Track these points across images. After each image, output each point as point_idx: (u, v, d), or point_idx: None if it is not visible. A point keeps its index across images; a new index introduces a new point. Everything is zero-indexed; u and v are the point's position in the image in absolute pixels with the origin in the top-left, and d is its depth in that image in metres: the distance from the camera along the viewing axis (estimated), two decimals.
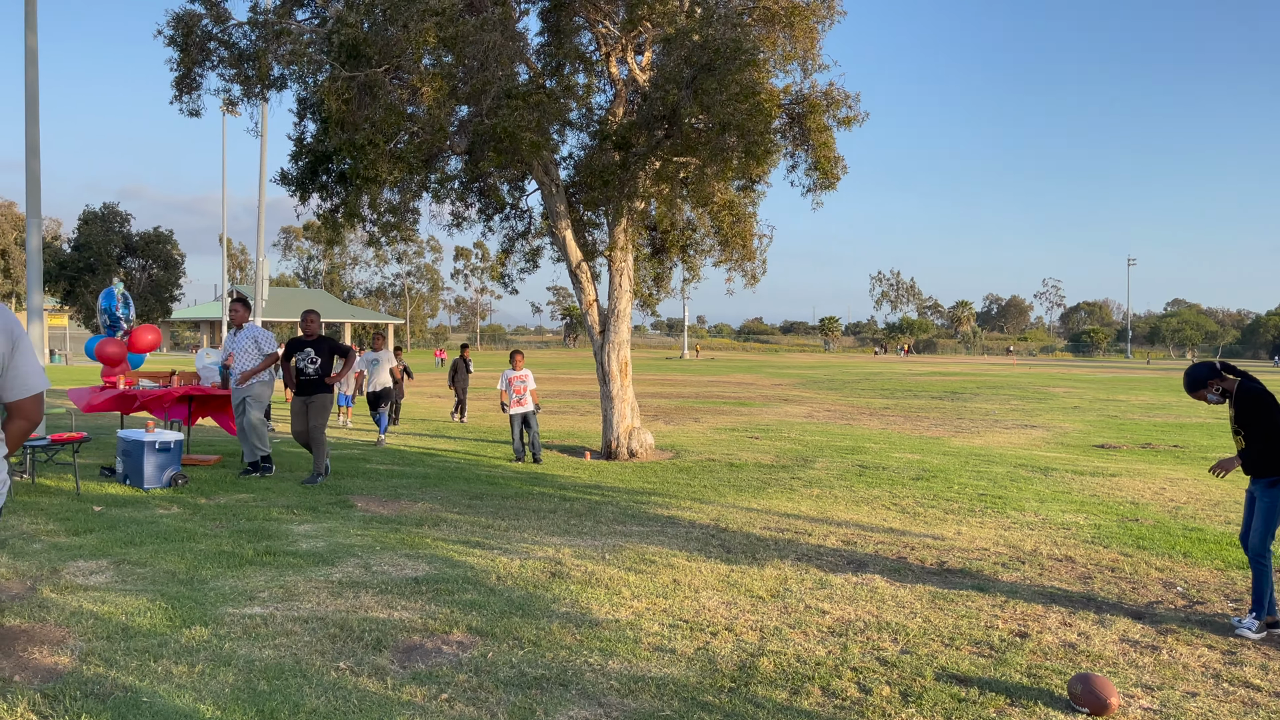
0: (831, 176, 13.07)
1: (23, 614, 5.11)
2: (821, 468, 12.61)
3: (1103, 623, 5.61)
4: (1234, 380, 5.67)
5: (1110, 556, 7.49)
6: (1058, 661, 4.86)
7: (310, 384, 10.09)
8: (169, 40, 13.09)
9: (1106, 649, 5.11)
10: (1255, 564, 5.52)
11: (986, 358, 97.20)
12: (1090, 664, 4.86)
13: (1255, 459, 5.53)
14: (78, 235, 30.81)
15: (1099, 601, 6.11)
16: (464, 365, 19.70)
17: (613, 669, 4.51)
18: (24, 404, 3.20)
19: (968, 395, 30.25)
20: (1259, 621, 5.48)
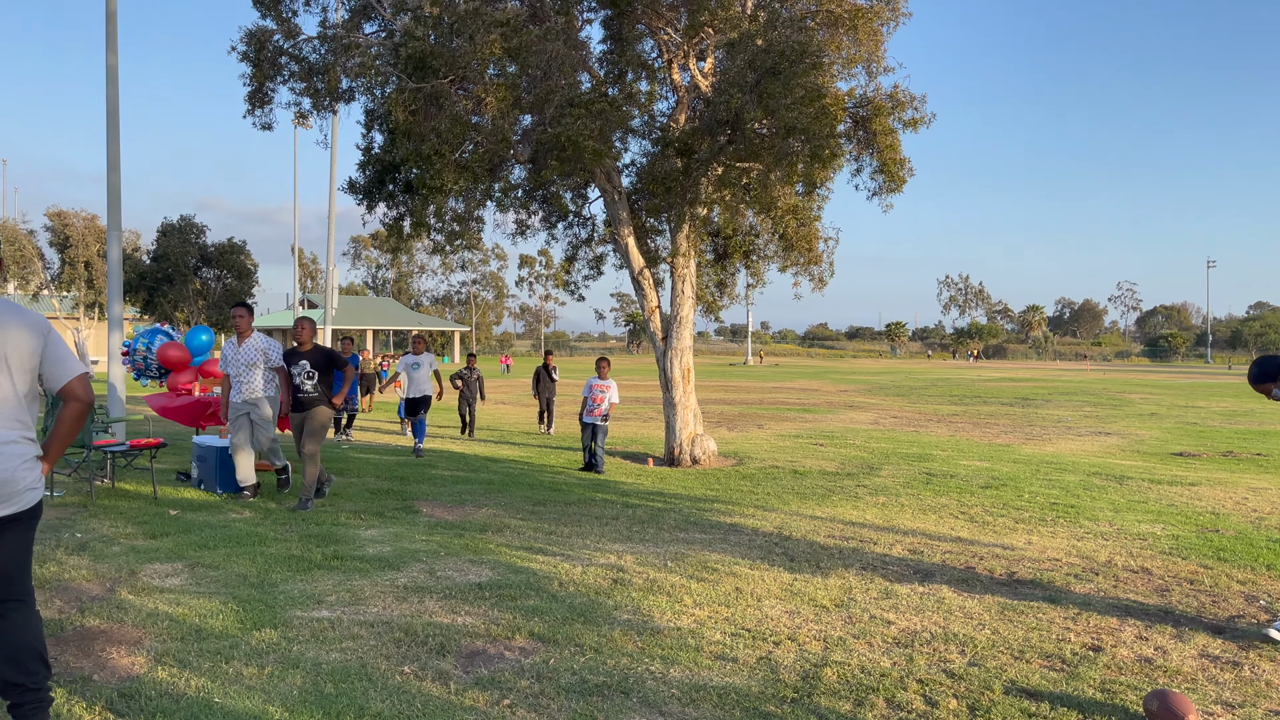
0: (898, 179, 12.90)
1: (102, 615, 5.27)
2: (888, 475, 12.43)
3: (1181, 637, 5.43)
4: None
5: (1189, 568, 7.25)
6: (1133, 677, 4.71)
7: (308, 400, 8.92)
8: (242, 56, 13.45)
9: (1185, 664, 4.94)
10: None
11: (1058, 363, 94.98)
12: (1167, 680, 4.70)
13: None
14: (156, 247, 31.85)
15: (1177, 615, 5.91)
16: (546, 373, 18.57)
17: (674, 677, 4.49)
18: (71, 386, 3.51)
19: (1039, 401, 29.58)
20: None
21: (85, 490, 9.34)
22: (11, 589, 3.49)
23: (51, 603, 5.50)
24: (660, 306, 14.23)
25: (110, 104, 13.24)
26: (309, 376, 8.86)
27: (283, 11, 13.85)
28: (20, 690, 3.49)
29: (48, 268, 40.23)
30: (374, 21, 14.21)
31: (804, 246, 14.05)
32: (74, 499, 8.96)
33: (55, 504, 8.72)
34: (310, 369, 8.85)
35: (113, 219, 13.38)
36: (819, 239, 14.48)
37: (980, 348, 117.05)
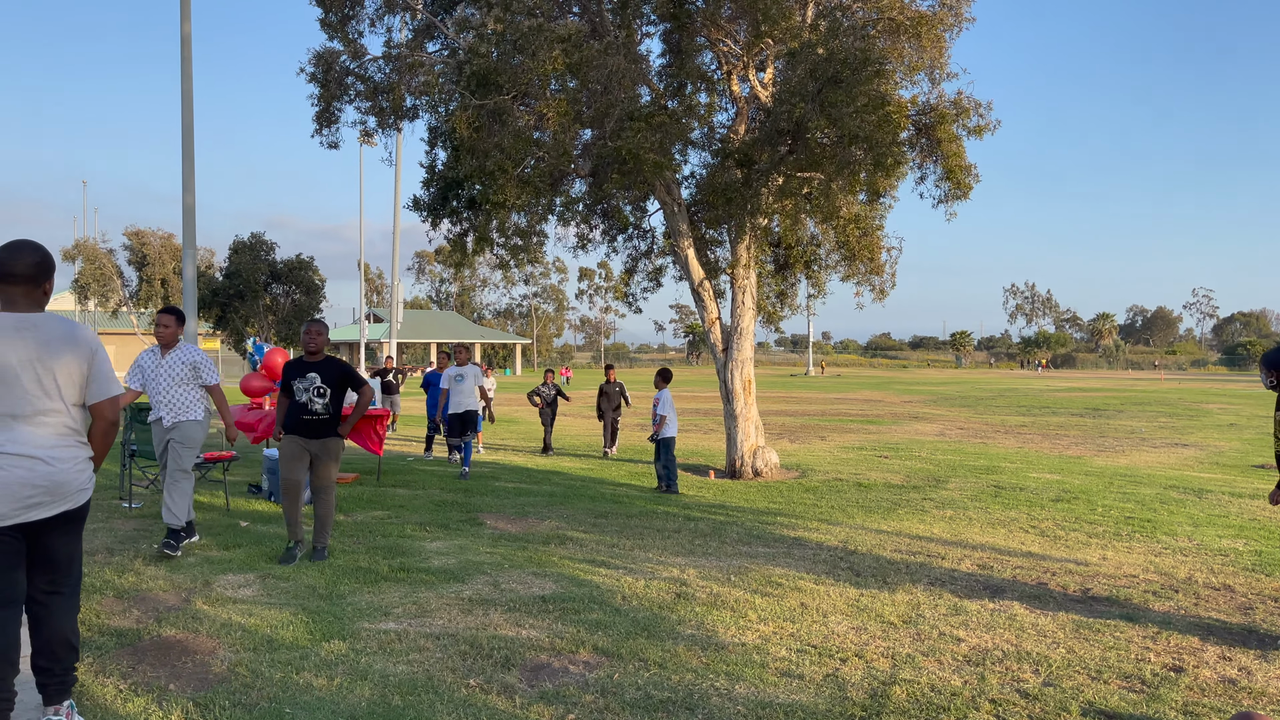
0: (964, 186, 12.73)
1: (178, 625, 5.39)
2: (954, 488, 12.21)
3: (1266, 658, 5.22)
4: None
5: (1274, 586, 6.99)
6: (1216, 699, 4.54)
7: (319, 424, 7.16)
8: (310, 77, 13.77)
9: (1270, 686, 4.75)
10: None
11: (1131, 373, 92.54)
12: (1253, 702, 4.52)
13: None
14: (228, 264, 32.71)
15: (1262, 634, 5.69)
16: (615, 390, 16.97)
17: (739, 694, 4.45)
18: (101, 406, 3.80)
19: (1111, 412, 28.84)
20: None
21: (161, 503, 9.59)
22: (57, 580, 3.77)
23: (130, 612, 5.65)
24: (720, 318, 14.19)
25: (185, 127, 13.65)
26: (319, 394, 7.13)
27: (349, 33, 14.16)
28: (48, 673, 3.78)
29: (126, 285, 41.53)
30: (436, 40, 14.46)
31: (866, 256, 13.91)
32: (151, 511, 9.21)
33: (133, 515, 8.97)
34: (321, 385, 7.14)
35: (188, 238, 13.78)
36: (881, 248, 14.33)
37: (1048, 357, 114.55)
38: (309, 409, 7.13)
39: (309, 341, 7.20)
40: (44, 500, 3.61)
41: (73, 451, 3.72)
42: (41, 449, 3.62)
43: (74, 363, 3.71)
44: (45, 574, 3.72)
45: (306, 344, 7.21)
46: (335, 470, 7.30)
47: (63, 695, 3.82)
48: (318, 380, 7.15)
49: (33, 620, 3.78)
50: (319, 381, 7.15)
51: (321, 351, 7.25)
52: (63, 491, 3.66)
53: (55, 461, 3.64)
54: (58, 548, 3.73)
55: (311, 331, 7.23)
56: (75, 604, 3.87)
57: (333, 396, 7.17)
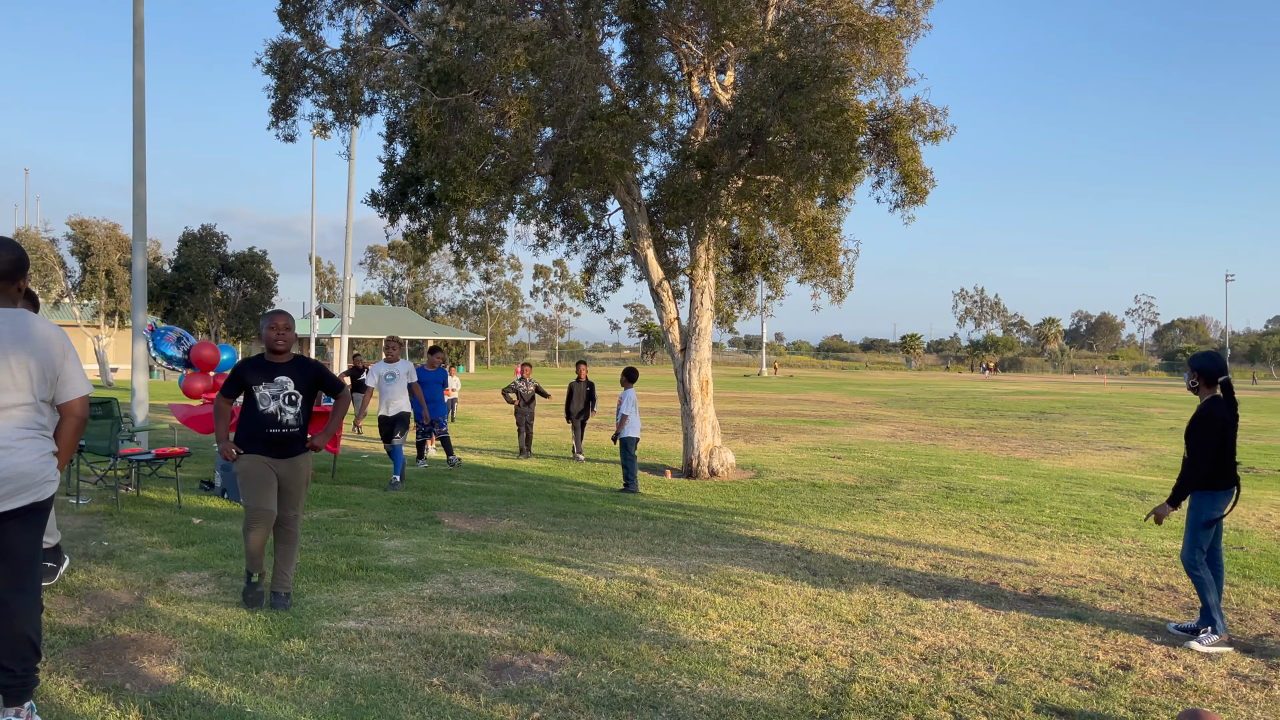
0: (920, 191, 12.91)
1: (132, 623, 5.31)
2: (907, 489, 12.40)
3: (1210, 656, 5.39)
4: (1209, 393, 5.87)
5: None
6: (1163, 696, 4.69)
7: (289, 440, 5.78)
8: (267, 68, 13.57)
9: (1215, 683, 4.91)
10: (1188, 572, 5.80)
11: (1075, 377, 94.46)
12: (1198, 699, 4.67)
13: (1186, 472, 5.80)
14: (178, 256, 32.15)
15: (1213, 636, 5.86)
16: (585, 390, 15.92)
17: (703, 691, 4.50)
18: (72, 404, 3.81)
19: (1056, 415, 29.43)
20: (1215, 635, 5.57)
21: (110, 499, 9.41)
22: (20, 577, 3.70)
23: (81, 610, 5.55)
24: (679, 318, 14.25)
25: (137, 116, 13.39)
26: (291, 402, 5.76)
27: (307, 25, 14.00)
28: (10, 674, 3.71)
29: (69, 276, 40.60)
30: (396, 35, 14.33)
31: (824, 259, 14.06)
32: (99, 507, 9.03)
33: (80, 512, 8.79)
34: (294, 391, 5.77)
35: (138, 228, 13.52)
36: (839, 251, 14.49)
37: (995, 360, 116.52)
38: (278, 421, 5.70)
39: (277, 338, 5.78)
40: (7, 491, 3.58)
41: (37, 444, 3.70)
42: (4, 438, 3.60)
43: (45, 359, 3.70)
44: (8, 570, 3.66)
45: (273, 341, 5.78)
46: (304, 496, 6.00)
47: (23, 696, 3.75)
48: (289, 385, 5.74)
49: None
50: (291, 387, 5.74)
51: (289, 350, 5.88)
52: (25, 481, 3.63)
53: (17, 450, 3.62)
54: (20, 543, 3.68)
55: (279, 326, 5.78)
56: (38, 602, 3.80)
57: (304, 405, 5.84)
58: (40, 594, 3.82)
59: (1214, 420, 5.73)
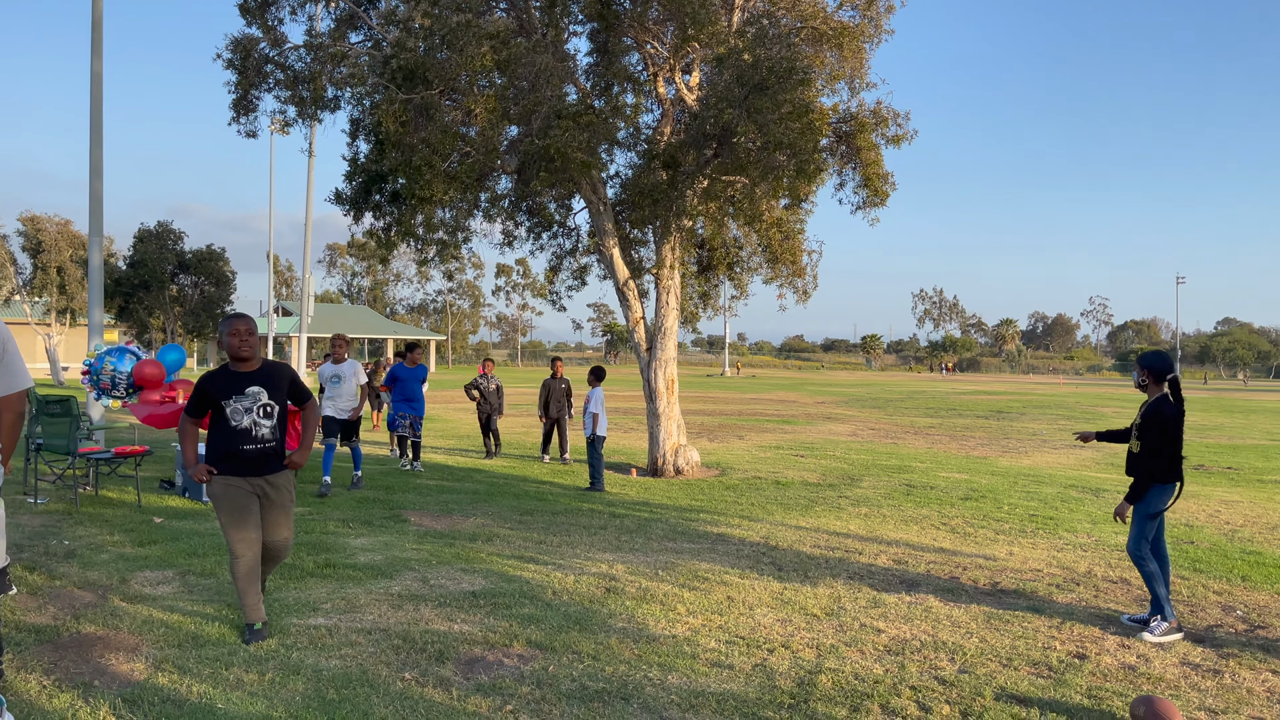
0: (881, 194, 13.09)
1: (97, 621, 5.27)
2: (869, 486, 12.56)
3: (1162, 645, 5.56)
4: (1158, 391, 6.08)
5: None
6: (1118, 684, 4.83)
7: (268, 456, 5.25)
8: (228, 64, 13.44)
9: (1167, 672, 5.06)
10: (1135, 564, 5.95)
11: (1032, 377, 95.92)
12: (1151, 687, 4.82)
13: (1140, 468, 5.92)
14: (133, 253, 31.63)
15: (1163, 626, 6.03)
16: (560, 387, 15.17)
17: (672, 684, 4.56)
18: (11, 399, 3.82)
19: (1014, 415, 29.90)
20: (1165, 624, 5.74)
21: (69, 498, 9.29)
22: None
23: (45, 609, 5.50)
24: (645, 317, 14.32)
25: (94, 111, 13.19)
26: (266, 414, 5.20)
27: (268, 20, 13.88)
28: None
29: (20, 272, 39.79)
30: (360, 31, 14.26)
31: (789, 259, 14.20)
32: (58, 506, 8.91)
33: (39, 511, 8.67)
34: (269, 402, 5.20)
35: (94, 225, 13.32)
36: (803, 251, 14.64)
37: (954, 361, 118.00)
38: (253, 436, 5.14)
39: (240, 345, 5.14)
40: None
41: None
42: None
43: None
44: None
45: (236, 348, 5.14)
46: (290, 525, 5.41)
47: None
48: (263, 396, 5.17)
49: None
50: (265, 398, 5.17)
51: (256, 355, 5.28)
52: None
53: None
54: None
55: (241, 331, 5.15)
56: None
57: (281, 417, 5.28)
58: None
59: (1165, 417, 5.90)
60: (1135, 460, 6.02)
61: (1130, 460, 6.10)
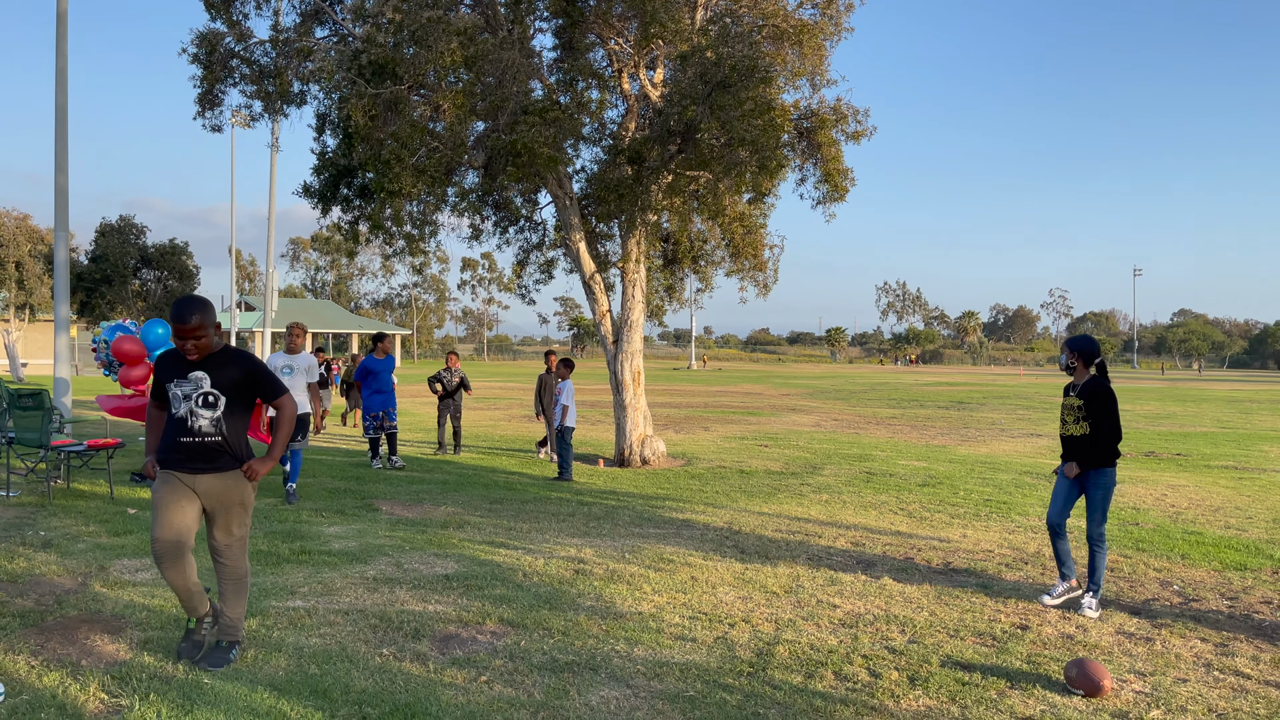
0: (841, 189, 13.40)
1: (80, 606, 5.42)
2: (830, 474, 12.89)
3: (1100, 617, 5.89)
4: (1086, 374, 6.33)
5: (1110, 558, 7.76)
6: (1056, 651, 5.15)
7: (205, 451, 4.57)
8: (193, 58, 13.47)
9: (1103, 640, 5.39)
10: (1095, 546, 6.15)
11: (993, 368, 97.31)
12: (1086, 653, 5.13)
13: (1094, 450, 6.14)
14: (95, 247, 31.35)
15: (1101, 599, 6.37)
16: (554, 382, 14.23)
17: (638, 655, 4.81)
18: None
19: (974, 405, 30.48)
20: (1097, 600, 6.04)
21: (41, 490, 9.36)
22: None
23: (27, 595, 5.63)
24: (611, 310, 14.54)
25: (60, 106, 13.18)
26: (207, 404, 4.57)
27: (233, 14, 13.92)
28: None
29: None
30: (325, 26, 14.33)
31: (751, 253, 14.48)
32: (30, 499, 8.99)
33: (12, 504, 8.74)
34: (210, 391, 4.57)
35: (60, 220, 13.31)
36: (765, 246, 14.93)
37: (917, 353, 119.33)
38: (188, 427, 4.54)
39: (187, 333, 4.48)
40: None
41: None
42: None
43: None
44: None
45: (182, 335, 4.49)
46: (243, 523, 4.74)
47: None
48: (205, 383, 4.56)
49: None
50: (207, 385, 4.57)
51: (208, 341, 4.56)
52: None
53: None
54: None
55: (187, 314, 4.47)
56: None
57: (229, 408, 4.61)
58: None
59: (1108, 389, 6.13)
60: (1089, 442, 6.09)
61: (1077, 443, 6.18)
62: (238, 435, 4.69)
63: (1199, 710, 4.33)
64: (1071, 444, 6.28)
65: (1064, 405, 6.36)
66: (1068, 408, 6.30)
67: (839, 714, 4.14)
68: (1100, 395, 6.13)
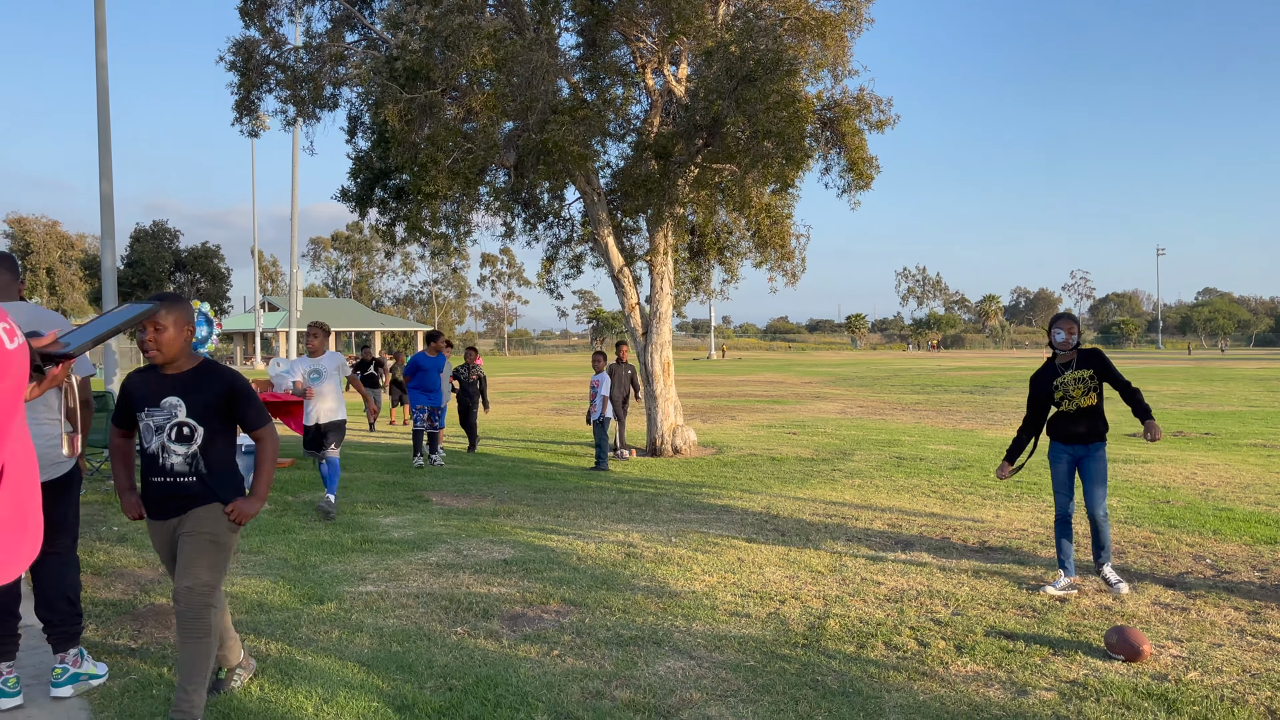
0: (866, 178, 13.60)
1: (166, 594, 5.75)
2: (860, 460, 13.12)
3: (1136, 589, 6.12)
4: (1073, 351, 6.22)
5: (1143, 535, 7.97)
6: (1095, 620, 5.39)
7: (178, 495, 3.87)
8: (230, 65, 13.83)
9: (1140, 610, 5.63)
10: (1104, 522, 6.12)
11: (1015, 351, 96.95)
12: (1124, 622, 5.37)
13: (1100, 420, 6.10)
14: (129, 252, 31.92)
15: (1133, 572, 6.61)
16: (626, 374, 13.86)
17: (697, 630, 5.09)
18: None
19: (998, 389, 30.58)
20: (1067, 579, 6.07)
21: (103, 489, 9.73)
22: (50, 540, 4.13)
23: (113, 585, 5.98)
24: (639, 303, 14.81)
25: (102, 118, 13.55)
26: (179, 437, 3.85)
27: (267, 22, 14.27)
28: (50, 624, 4.29)
29: None
30: (355, 30, 14.66)
31: (778, 243, 14.71)
32: (96, 497, 9.37)
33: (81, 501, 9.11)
34: (186, 420, 3.86)
35: (106, 227, 13.71)
36: (791, 235, 15.16)
37: (939, 338, 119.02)
38: (160, 465, 3.86)
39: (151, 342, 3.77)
40: None
41: (45, 429, 4.15)
42: None
43: None
44: None
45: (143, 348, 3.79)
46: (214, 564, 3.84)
47: (67, 644, 4.27)
48: (180, 411, 3.84)
49: (33, 577, 4.28)
50: (182, 414, 3.84)
51: (181, 353, 3.85)
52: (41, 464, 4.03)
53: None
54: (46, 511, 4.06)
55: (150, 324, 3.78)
56: (69, 562, 4.31)
57: (208, 440, 3.88)
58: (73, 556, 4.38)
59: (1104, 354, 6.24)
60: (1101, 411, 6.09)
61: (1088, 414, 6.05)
62: (222, 468, 3.92)
63: (1234, 671, 4.56)
64: (1081, 416, 6.07)
65: (1066, 381, 6.13)
66: (1075, 381, 6.09)
67: (892, 679, 4.41)
68: (1105, 360, 6.13)
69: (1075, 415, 6.12)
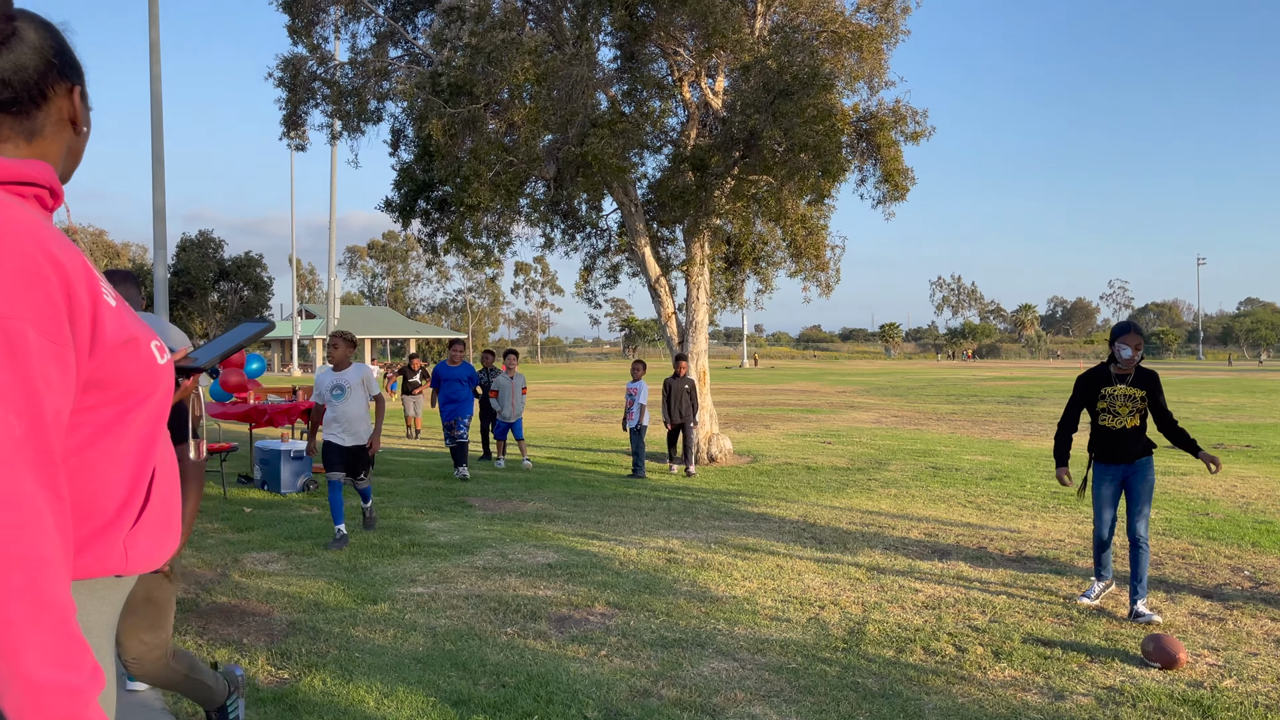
0: (901, 189, 13.70)
1: (227, 593, 6.00)
2: (896, 469, 13.18)
3: (1173, 600, 6.18)
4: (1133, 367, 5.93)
5: (1181, 546, 8.01)
6: (1132, 629, 5.47)
7: None
8: (279, 82, 14.20)
9: (1177, 619, 5.70)
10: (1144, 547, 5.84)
11: (1052, 362, 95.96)
12: (1160, 632, 5.44)
13: (1144, 438, 5.92)
14: (175, 262, 32.63)
15: (1170, 583, 6.67)
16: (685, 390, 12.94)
17: (739, 633, 5.24)
18: None
19: (1034, 399, 30.39)
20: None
21: None
22: None
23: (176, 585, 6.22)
24: (676, 312, 14.97)
25: (155, 128, 13.97)
26: None
27: (314, 39, 14.64)
28: None
29: None
30: (398, 46, 14.99)
31: (813, 254, 14.83)
32: None
33: None
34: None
35: (158, 238, 14.10)
36: (826, 246, 15.27)
37: (974, 347, 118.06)
38: None
39: None
40: None
41: None
42: None
43: None
44: None
45: None
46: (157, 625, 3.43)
47: None
48: None
49: None
50: None
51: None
52: None
53: None
54: None
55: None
56: None
57: None
58: None
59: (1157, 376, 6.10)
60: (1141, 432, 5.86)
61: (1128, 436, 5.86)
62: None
63: (1269, 679, 4.64)
64: (1122, 437, 5.88)
65: (1116, 395, 5.87)
66: (1124, 398, 5.85)
67: (932, 683, 4.53)
68: (1159, 385, 5.92)
69: (1118, 434, 5.90)
